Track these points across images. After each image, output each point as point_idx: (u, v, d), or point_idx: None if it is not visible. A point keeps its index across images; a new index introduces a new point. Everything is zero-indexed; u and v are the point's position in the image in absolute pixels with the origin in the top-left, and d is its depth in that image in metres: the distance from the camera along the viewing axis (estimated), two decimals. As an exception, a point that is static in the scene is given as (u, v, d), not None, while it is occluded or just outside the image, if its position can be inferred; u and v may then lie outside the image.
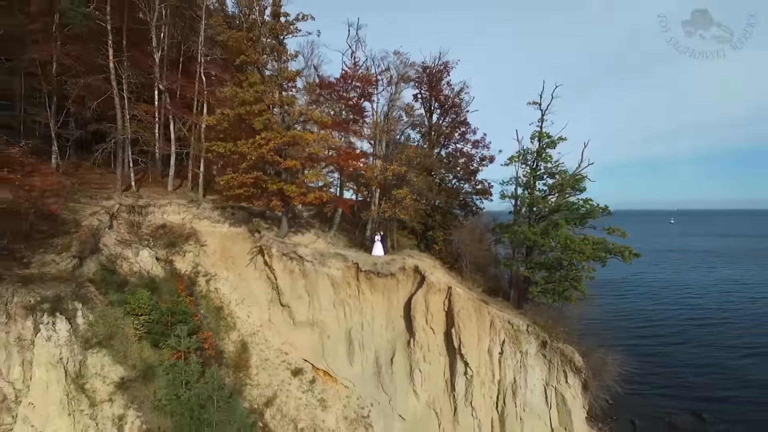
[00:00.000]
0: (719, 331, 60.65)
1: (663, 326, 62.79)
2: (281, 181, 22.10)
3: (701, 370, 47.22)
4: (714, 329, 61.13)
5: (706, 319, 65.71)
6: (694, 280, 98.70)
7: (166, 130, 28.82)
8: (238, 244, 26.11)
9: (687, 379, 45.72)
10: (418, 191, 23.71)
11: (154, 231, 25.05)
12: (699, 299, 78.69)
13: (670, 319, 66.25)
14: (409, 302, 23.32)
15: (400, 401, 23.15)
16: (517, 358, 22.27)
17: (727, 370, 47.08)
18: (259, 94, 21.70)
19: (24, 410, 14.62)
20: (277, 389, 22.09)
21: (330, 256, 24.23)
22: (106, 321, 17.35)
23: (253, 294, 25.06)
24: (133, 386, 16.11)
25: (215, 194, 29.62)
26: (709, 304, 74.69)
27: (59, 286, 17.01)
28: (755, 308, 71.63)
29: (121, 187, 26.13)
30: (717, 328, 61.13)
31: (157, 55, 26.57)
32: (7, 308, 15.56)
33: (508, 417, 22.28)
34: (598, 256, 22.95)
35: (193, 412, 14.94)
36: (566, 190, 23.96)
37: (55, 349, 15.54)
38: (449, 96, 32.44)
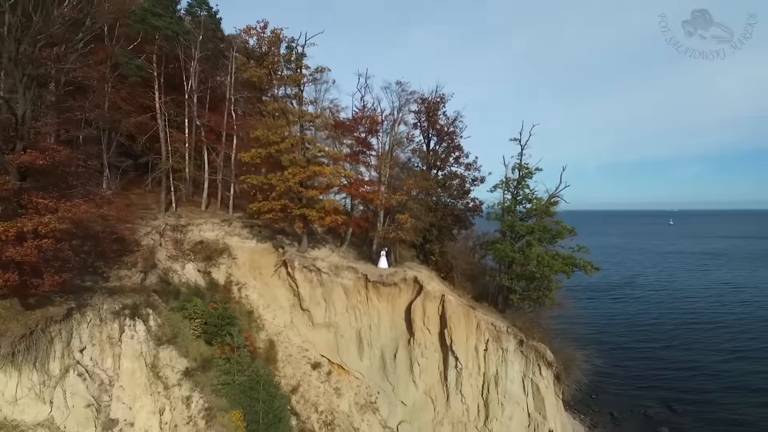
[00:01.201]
0: (708, 333, 64.62)
1: (654, 329, 66.88)
2: (303, 207, 26.70)
3: (685, 371, 51.58)
4: (703, 332, 65.17)
5: (696, 322, 69.91)
6: (688, 282, 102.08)
7: (198, 157, 33.47)
8: (264, 257, 30.71)
9: (669, 379, 50.41)
10: (416, 215, 28.29)
11: (193, 246, 29.66)
12: (691, 302, 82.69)
13: (662, 321, 70.38)
14: (410, 307, 27.96)
15: (402, 390, 27.77)
16: (499, 354, 26.91)
17: (710, 371, 51.38)
18: (284, 136, 26.30)
19: (116, 391, 19.19)
20: (300, 379, 26.70)
21: (343, 268, 28.87)
22: (171, 323, 21.97)
23: (278, 300, 29.67)
24: (196, 374, 20.71)
25: (240, 211, 34.33)
26: (701, 308, 78.85)
27: (134, 296, 21.62)
28: (744, 311, 75.61)
29: (164, 208, 30.81)
30: (706, 331, 65.25)
31: (195, 96, 31.21)
32: (100, 314, 20.14)
33: (491, 403, 26.92)
34: (564, 270, 27.57)
35: (246, 393, 19.51)
36: (540, 215, 28.58)
37: (136, 345, 20.14)
38: (445, 125, 37.05)
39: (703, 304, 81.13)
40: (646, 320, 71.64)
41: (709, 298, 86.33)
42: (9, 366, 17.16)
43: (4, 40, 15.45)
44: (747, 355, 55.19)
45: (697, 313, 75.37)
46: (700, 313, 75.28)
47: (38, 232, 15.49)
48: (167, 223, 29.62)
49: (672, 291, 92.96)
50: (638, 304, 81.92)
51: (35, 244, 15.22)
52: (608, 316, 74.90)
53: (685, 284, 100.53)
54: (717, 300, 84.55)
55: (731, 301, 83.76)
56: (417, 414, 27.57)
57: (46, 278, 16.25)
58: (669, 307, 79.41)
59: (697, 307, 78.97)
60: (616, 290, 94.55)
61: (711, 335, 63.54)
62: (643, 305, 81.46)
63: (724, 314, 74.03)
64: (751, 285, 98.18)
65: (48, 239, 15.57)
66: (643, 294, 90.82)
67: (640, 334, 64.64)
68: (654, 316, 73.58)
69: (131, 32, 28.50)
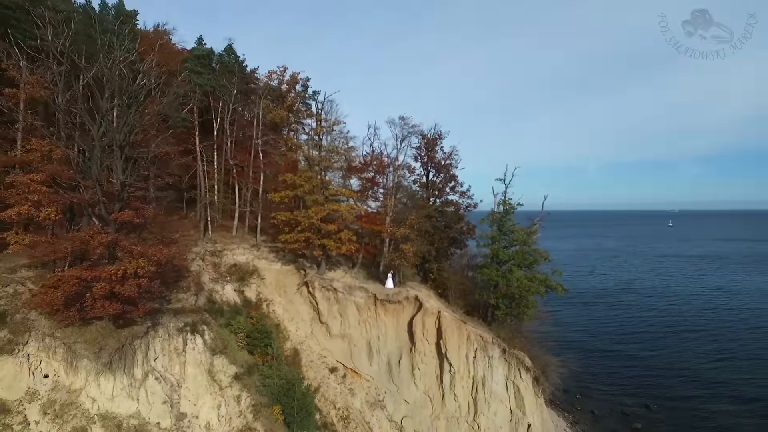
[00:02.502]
0: (695, 339, 69.00)
1: (645, 335, 71.16)
2: (323, 238, 32.18)
3: (668, 374, 56.22)
4: (691, 338, 69.59)
5: (686, 328, 74.37)
6: (682, 288, 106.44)
7: (230, 191, 39.03)
8: (288, 277, 36.20)
9: (652, 382, 54.63)
10: (417, 246, 33.73)
11: (229, 269, 35.16)
12: (683, 308, 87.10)
13: (654, 327, 74.83)
14: (411, 321, 33.43)
15: (405, 390, 33.23)
16: (486, 361, 32.36)
17: (691, 375, 55.93)
18: (307, 179, 31.79)
19: (183, 391, 24.68)
20: (321, 381, 32.18)
21: (355, 288, 34.36)
22: (221, 337, 27.45)
23: (300, 314, 35.16)
24: (243, 378, 26.17)
25: (264, 235, 39.84)
26: (692, 313, 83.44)
27: (192, 315, 27.12)
28: (732, 318, 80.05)
29: (202, 235, 36.35)
30: (694, 337, 69.54)
31: (229, 141, 36.74)
32: (168, 330, 25.62)
33: (479, 401, 32.36)
34: (539, 291, 33.01)
35: (282, 392, 24.94)
36: (521, 243, 34.01)
37: (197, 355, 25.63)
38: (442, 159, 42.54)
39: (695, 310, 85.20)
40: (638, 327, 75.69)
41: (700, 303, 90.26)
42: (107, 372, 22.68)
43: (114, 133, 20.93)
44: (730, 361, 59.65)
45: (687, 318, 79.54)
46: (691, 318, 79.40)
47: (137, 273, 20.96)
48: (206, 249, 35.19)
49: (666, 297, 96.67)
50: (633, 311, 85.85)
51: (136, 282, 20.70)
52: (603, 322, 78.82)
53: (678, 289, 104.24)
54: (708, 305, 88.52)
55: (721, 306, 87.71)
56: (417, 410, 33.01)
57: (140, 307, 21.76)
58: (661, 313, 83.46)
59: (688, 313, 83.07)
60: (612, 296, 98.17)
61: (698, 341, 67.75)
62: (637, 311, 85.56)
63: (713, 320, 78.11)
64: (743, 291, 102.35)
65: (144, 278, 21.06)
66: (637, 300, 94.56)
67: (631, 340, 68.81)
68: (646, 323, 77.57)
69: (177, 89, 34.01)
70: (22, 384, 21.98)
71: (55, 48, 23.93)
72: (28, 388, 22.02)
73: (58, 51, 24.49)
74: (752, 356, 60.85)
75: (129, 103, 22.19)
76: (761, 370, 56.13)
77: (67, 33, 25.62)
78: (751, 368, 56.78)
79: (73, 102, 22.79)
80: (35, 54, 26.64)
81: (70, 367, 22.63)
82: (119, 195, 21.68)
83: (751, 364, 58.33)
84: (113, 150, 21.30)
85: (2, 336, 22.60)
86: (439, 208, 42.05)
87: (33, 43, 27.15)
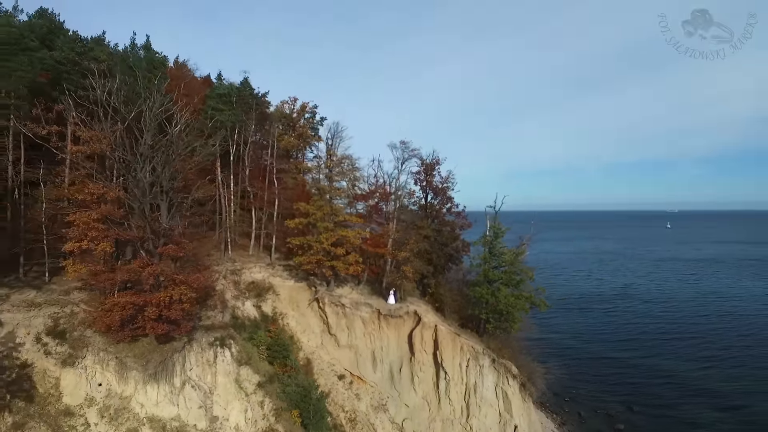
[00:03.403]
0: (685, 345, 71.50)
1: (638, 341, 73.59)
2: (333, 260, 36.25)
3: (655, 379, 58.98)
4: (682, 343, 72.17)
5: (677, 334, 76.65)
6: (676, 293, 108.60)
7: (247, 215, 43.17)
8: (300, 293, 40.27)
9: (639, 386, 57.32)
10: (416, 266, 37.79)
11: (247, 286, 39.25)
12: (676, 314, 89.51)
13: (646, 333, 77.29)
14: (411, 334, 37.49)
15: (405, 395, 37.29)
16: (477, 369, 36.41)
17: (678, 379, 58.67)
18: (319, 207, 35.88)
19: (215, 398, 28.76)
20: (331, 387, 36.24)
21: (361, 303, 38.44)
22: (245, 350, 31.53)
23: (311, 327, 39.23)
24: (265, 386, 30.24)
25: (277, 252, 43.93)
26: (684, 318, 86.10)
27: (221, 331, 31.21)
28: (722, 323, 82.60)
29: (222, 255, 40.46)
30: (684, 343, 72.06)
31: (247, 170, 40.86)
32: (200, 345, 29.71)
33: (471, 405, 36.41)
34: (524, 308, 37.06)
35: (299, 398, 29.01)
36: (509, 264, 38.07)
37: (226, 366, 29.72)
38: (439, 183, 46.61)
39: (688, 316, 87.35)
40: (631, 333, 78.07)
41: (694, 309, 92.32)
42: (153, 381, 26.80)
43: (162, 180, 25.05)
44: (717, 368, 62.02)
45: (680, 325, 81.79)
46: (683, 325, 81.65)
47: (181, 299, 25.06)
48: (227, 268, 39.32)
49: (660, 302, 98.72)
50: (627, 316, 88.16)
51: (180, 307, 24.81)
52: (597, 328, 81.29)
53: (673, 295, 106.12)
54: (701, 311, 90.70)
55: (714, 312, 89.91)
56: (417, 413, 37.07)
57: (182, 326, 25.88)
58: (655, 319, 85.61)
59: (681, 319, 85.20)
60: (607, 302, 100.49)
61: (688, 347, 70.15)
62: (631, 317, 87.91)
63: (704, 326, 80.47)
64: (735, 296, 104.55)
65: (186, 303, 25.16)
66: (631, 306, 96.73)
67: (623, 347, 71.23)
68: (640, 329, 79.86)
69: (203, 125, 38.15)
70: (81, 391, 26.16)
71: (103, 98, 28.08)
72: (86, 395, 26.20)
73: (104, 99, 28.68)
74: (738, 363, 63.39)
75: (168, 149, 26.31)
76: (746, 377, 58.73)
77: (111, 83, 29.82)
78: (736, 375, 59.28)
79: (122, 148, 26.87)
80: (85, 104, 30.89)
81: (121, 377, 26.80)
82: (164, 232, 25.76)
83: (737, 371, 60.84)
84: (159, 193, 25.39)
85: (64, 351, 26.82)
86: (437, 228, 46.06)
87: (83, 92, 31.39)
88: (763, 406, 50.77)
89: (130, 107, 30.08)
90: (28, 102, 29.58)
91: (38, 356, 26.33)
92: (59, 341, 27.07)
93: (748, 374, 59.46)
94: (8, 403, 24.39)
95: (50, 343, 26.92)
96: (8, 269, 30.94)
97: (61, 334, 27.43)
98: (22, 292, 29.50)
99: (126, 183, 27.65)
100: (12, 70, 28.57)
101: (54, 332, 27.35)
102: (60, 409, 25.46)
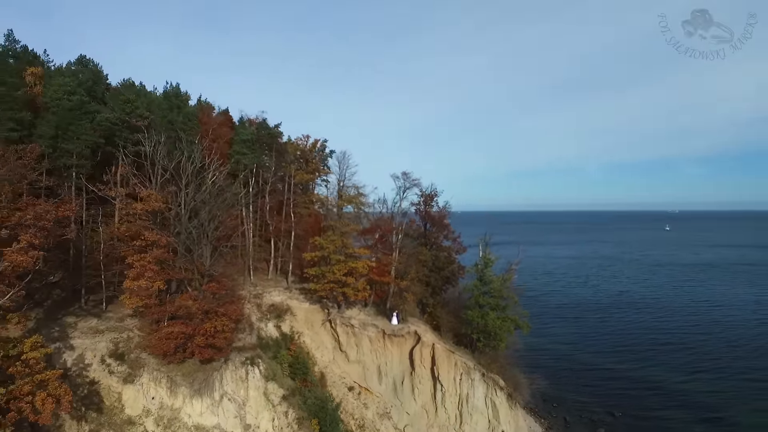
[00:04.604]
0: (674, 352, 74.43)
1: (629, 350, 76.66)
2: (344, 287, 41.83)
3: (640, 387, 62.01)
4: (670, 351, 74.97)
5: (667, 341, 79.64)
6: (670, 301, 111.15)
7: (266, 244, 48.85)
8: (314, 314, 45.86)
9: (624, 393, 60.74)
10: (415, 292, 43.37)
11: (268, 308, 44.88)
12: (668, 323, 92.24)
13: (638, 343, 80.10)
14: (412, 351, 43.02)
15: (407, 404, 42.83)
16: (469, 382, 41.93)
17: (662, 388, 61.56)
18: (331, 242, 41.47)
19: (248, 409, 34.36)
20: (342, 398, 41.80)
21: (368, 324, 44.03)
22: (271, 368, 37.15)
23: (324, 344, 44.81)
24: (288, 398, 35.84)
25: (293, 275, 49.57)
26: (674, 326, 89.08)
27: (250, 351, 36.83)
28: (711, 330, 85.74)
29: (245, 280, 46.11)
30: (673, 351, 74.86)
31: (267, 205, 46.54)
32: (234, 364, 35.33)
33: (464, 413, 41.93)
34: (509, 329, 42.59)
35: (318, 408, 34.60)
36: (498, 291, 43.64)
37: (256, 382, 35.33)
38: (437, 213, 52.19)
39: (679, 324, 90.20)
40: (623, 342, 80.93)
41: (684, 317, 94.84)
42: (198, 396, 32.46)
43: (206, 228, 30.71)
44: (701, 375, 64.44)
45: (671, 333, 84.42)
46: (674, 333, 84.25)
47: (223, 329, 30.70)
48: (251, 292, 45.00)
49: (653, 311, 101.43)
50: (620, 324, 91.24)
51: (223, 336, 30.44)
52: (590, 337, 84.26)
53: (666, 303, 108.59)
54: (691, 320, 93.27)
55: (704, 320, 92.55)
56: (417, 420, 42.63)
57: (223, 351, 31.52)
58: (646, 328, 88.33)
59: (671, 328, 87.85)
60: (602, 310, 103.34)
61: (676, 355, 73.16)
62: (624, 325, 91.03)
63: (693, 335, 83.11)
64: (726, 303, 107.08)
65: (228, 332, 30.78)
66: (625, 314, 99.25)
67: (613, 355, 74.36)
68: (631, 337, 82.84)
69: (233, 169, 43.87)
70: (139, 404, 31.89)
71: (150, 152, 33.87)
72: (143, 407, 31.91)
73: (150, 154, 34.44)
74: (722, 373, 66.06)
75: (211, 204, 32.02)
76: (727, 386, 60.88)
77: (155, 136, 35.56)
78: (718, 385, 61.51)
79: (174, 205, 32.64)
80: (136, 158, 36.67)
81: (172, 392, 32.50)
82: (207, 272, 31.43)
83: (720, 381, 63.08)
84: (204, 239, 31.08)
85: (124, 370, 32.57)
86: (434, 254, 51.63)
87: (133, 147, 37.14)
88: (740, 418, 53.02)
89: (172, 156, 35.78)
90: (90, 160, 35.33)
91: (103, 375, 32.11)
92: (119, 362, 32.84)
93: (729, 384, 61.82)
94: (84, 414, 30.18)
95: (112, 363, 32.72)
96: (72, 299, 36.75)
97: (121, 356, 33.17)
98: (86, 320, 35.31)
99: (175, 231, 33.34)
100: (78, 134, 34.28)
101: (115, 354, 33.13)
102: (123, 418, 31.22)
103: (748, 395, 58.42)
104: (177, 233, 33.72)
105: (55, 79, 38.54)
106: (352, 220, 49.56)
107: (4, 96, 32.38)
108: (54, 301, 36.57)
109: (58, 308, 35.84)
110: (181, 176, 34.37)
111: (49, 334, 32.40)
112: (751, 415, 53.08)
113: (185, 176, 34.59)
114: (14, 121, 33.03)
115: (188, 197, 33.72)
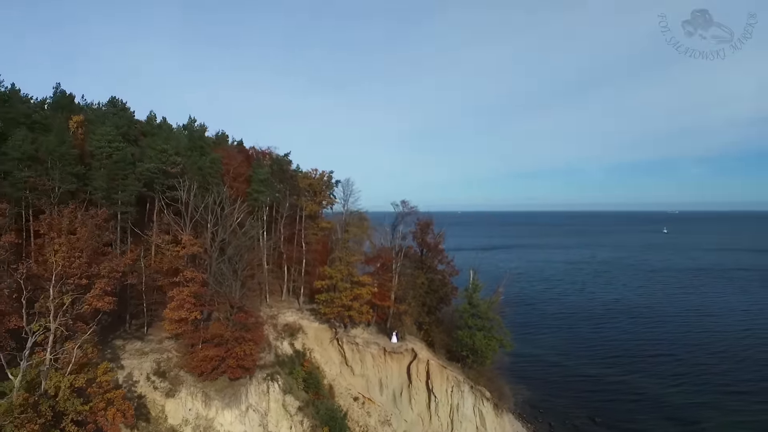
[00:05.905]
0: (662, 362, 77.18)
1: (618, 358, 79.64)
2: (349, 310, 47.92)
3: (625, 395, 65.43)
4: (658, 361, 77.82)
5: (656, 351, 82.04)
6: (663, 309, 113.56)
7: (279, 270, 55.01)
8: (323, 333, 51.99)
9: (608, 401, 64.30)
10: (412, 313, 49.46)
11: (283, 328, 51.03)
12: (660, 332, 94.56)
13: (628, 350, 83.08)
14: (409, 366, 49.09)
15: (405, 413, 48.90)
16: (459, 394, 47.97)
17: (650, 396, 64.64)
18: (338, 271, 47.58)
19: (269, 418, 40.45)
20: (348, 407, 47.88)
21: (371, 342, 50.13)
22: (287, 382, 43.26)
23: (332, 359, 50.92)
24: (304, 409, 41.91)
25: (303, 297, 55.74)
26: (665, 335, 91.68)
27: (270, 368, 42.94)
28: (700, 339, 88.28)
29: (261, 302, 52.24)
30: (661, 361, 77.72)
31: (282, 236, 52.67)
32: (257, 380, 41.43)
33: (455, 421, 47.98)
34: (494, 348, 48.67)
35: (329, 417, 40.70)
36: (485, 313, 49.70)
37: (276, 395, 41.44)
38: (432, 240, 58.25)
39: (669, 332, 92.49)
40: (614, 351, 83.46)
41: (675, 326, 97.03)
42: (228, 408, 38.61)
43: (234, 264, 36.84)
44: (686, 385, 67.16)
45: (660, 342, 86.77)
46: (664, 342, 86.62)
47: (252, 353, 36.80)
48: (267, 313, 51.16)
49: (644, 319, 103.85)
50: (613, 333, 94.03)
51: (252, 358, 36.56)
52: (583, 346, 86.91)
53: (658, 311, 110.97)
54: (682, 328, 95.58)
55: (694, 329, 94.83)
56: (413, 427, 48.70)
57: (251, 370, 37.67)
58: (638, 337, 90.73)
59: (662, 337, 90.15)
60: (596, 318, 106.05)
61: (664, 365, 75.94)
62: (617, 333, 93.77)
63: (682, 343, 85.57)
64: (716, 312, 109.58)
65: (255, 355, 36.88)
66: (618, 324, 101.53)
67: (604, 364, 77.27)
68: (622, 347, 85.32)
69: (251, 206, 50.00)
70: (179, 415, 38.05)
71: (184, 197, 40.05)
72: (183, 417, 38.07)
73: (184, 199, 40.61)
74: (704, 382, 68.65)
75: (239, 246, 38.15)
76: (709, 397, 63.58)
77: (187, 185, 41.71)
78: (701, 395, 64.11)
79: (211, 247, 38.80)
80: (172, 203, 42.80)
81: (206, 405, 38.66)
82: (237, 305, 37.58)
83: (702, 389, 65.98)
84: (234, 276, 37.24)
85: (165, 386, 38.76)
86: (430, 277, 57.68)
87: (169, 193, 43.28)
88: (717, 431, 55.50)
89: (201, 199, 41.95)
90: (135, 207, 41.52)
91: (149, 390, 38.32)
92: (162, 379, 39.03)
93: (710, 397, 63.88)
94: (136, 423, 36.32)
95: (156, 380, 38.92)
96: (117, 324, 42.93)
97: (163, 373, 39.36)
98: (132, 342, 41.55)
99: (206, 264, 39.50)
100: (125, 185, 40.46)
101: (158, 372, 39.31)
102: (167, 427, 37.41)
103: (729, 407, 60.20)
104: (207, 266, 39.91)
105: (97, 128, 44.56)
106: (356, 242, 55.92)
107: (65, 155, 38.45)
108: (102, 326, 42.76)
109: (107, 332, 41.97)
110: (208, 219, 40.63)
111: (103, 355, 38.55)
112: (728, 428, 55.28)
113: (212, 217, 40.81)
114: (73, 176, 39.15)
115: (216, 236, 39.85)
